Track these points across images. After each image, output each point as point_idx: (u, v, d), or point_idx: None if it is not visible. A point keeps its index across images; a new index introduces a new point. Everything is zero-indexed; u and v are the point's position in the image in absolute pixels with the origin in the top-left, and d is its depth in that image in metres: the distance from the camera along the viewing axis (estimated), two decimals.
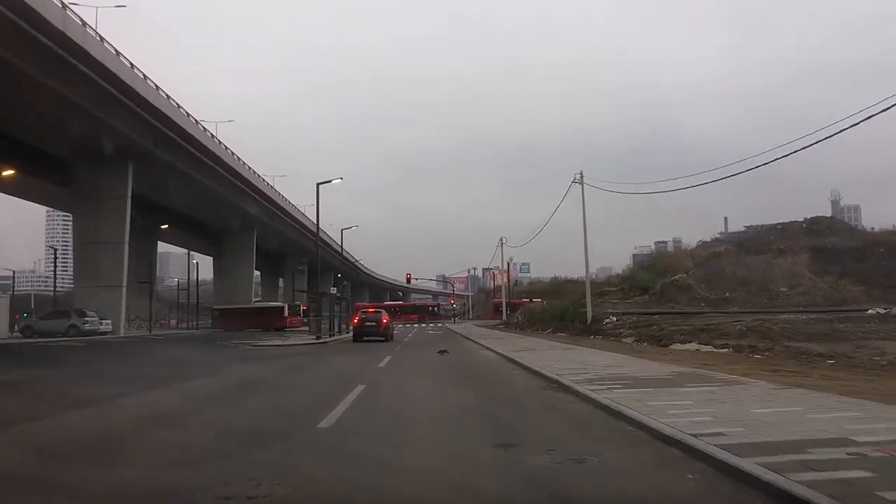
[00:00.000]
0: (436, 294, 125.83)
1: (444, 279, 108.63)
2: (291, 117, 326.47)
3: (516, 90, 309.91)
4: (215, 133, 45.77)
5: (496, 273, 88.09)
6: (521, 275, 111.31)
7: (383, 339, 27.97)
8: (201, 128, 42.90)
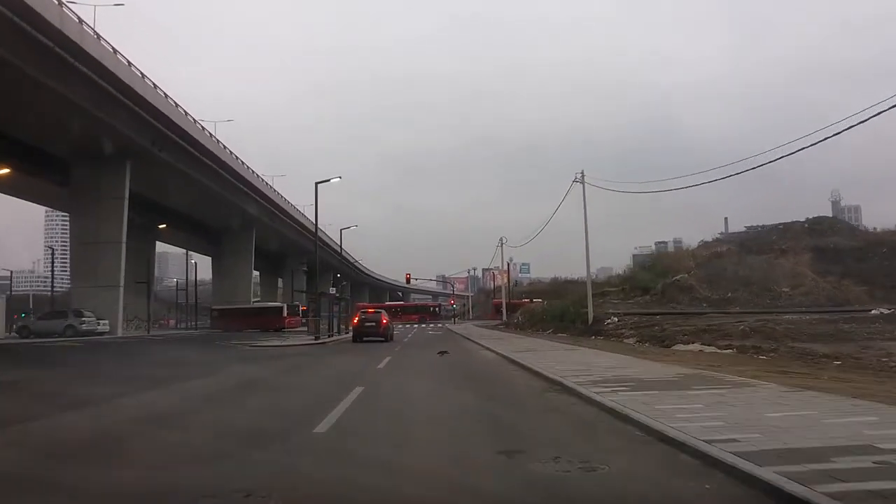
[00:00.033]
0: (436, 294, 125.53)
1: (444, 279, 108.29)
2: (291, 117, 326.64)
3: (516, 90, 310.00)
4: (214, 132, 45.62)
5: (496, 273, 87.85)
6: (521, 275, 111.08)
7: (383, 340, 27.90)
8: (200, 127, 42.64)
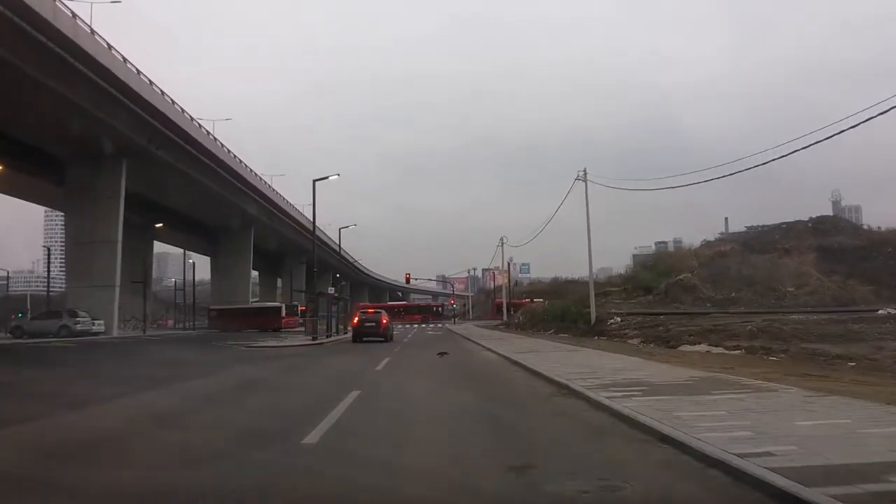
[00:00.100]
0: (435, 294, 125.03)
1: (444, 279, 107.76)
2: (291, 117, 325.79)
3: (516, 90, 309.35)
4: (213, 131, 45.10)
5: (496, 273, 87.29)
6: (521, 275, 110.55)
7: (383, 340, 27.79)
8: (197, 125, 42.12)
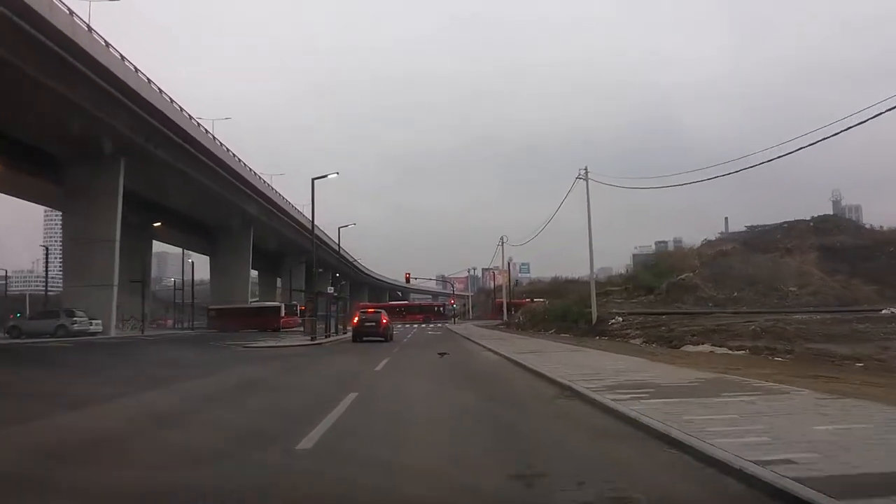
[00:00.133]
0: (435, 294, 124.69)
1: (444, 279, 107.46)
2: (291, 117, 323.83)
3: (516, 90, 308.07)
4: (212, 130, 44.88)
5: (496, 273, 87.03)
6: (520, 275, 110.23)
7: (383, 340, 27.72)
8: (196, 124, 41.85)
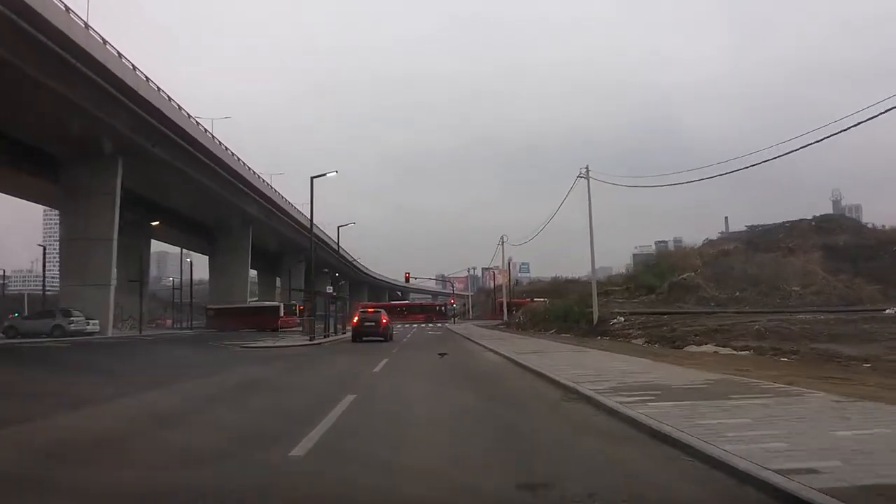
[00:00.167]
0: (435, 294, 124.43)
1: (444, 279, 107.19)
2: (291, 117, 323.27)
3: (516, 90, 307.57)
4: (211, 130, 44.68)
5: (496, 272, 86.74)
6: (520, 274, 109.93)
7: (382, 340, 27.66)
8: (194, 122, 41.59)
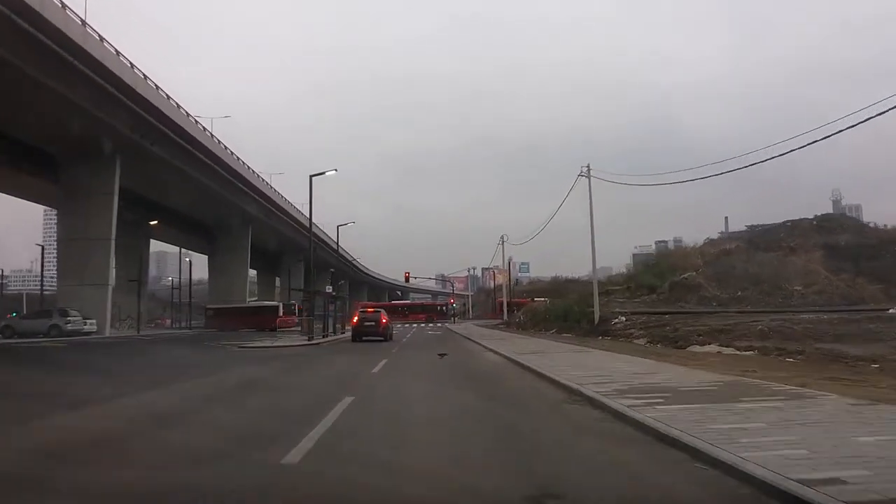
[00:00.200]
0: (435, 293, 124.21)
1: (444, 278, 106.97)
2: (291, 117, 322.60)
3: (516, 90, 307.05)
4: (210, 129, 44.47)
5: (496, 272, 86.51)
6: (520, 274, 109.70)
7: (382, 339, 27.59)
8: (193, 121, 41.38)
